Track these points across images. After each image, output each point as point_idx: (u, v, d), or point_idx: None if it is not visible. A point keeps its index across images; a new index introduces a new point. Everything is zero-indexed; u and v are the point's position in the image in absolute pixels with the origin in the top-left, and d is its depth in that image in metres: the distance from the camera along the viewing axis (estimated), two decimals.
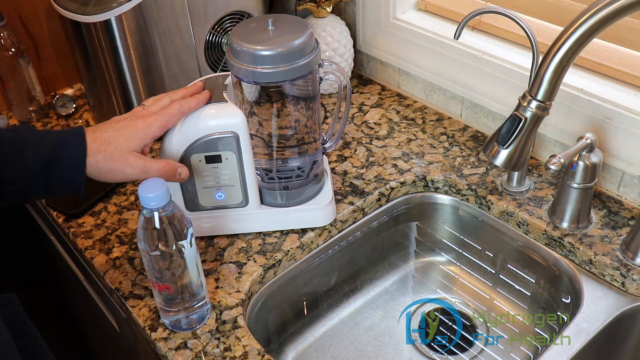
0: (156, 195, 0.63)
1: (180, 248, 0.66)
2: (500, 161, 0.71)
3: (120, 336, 1.01)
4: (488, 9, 0.80)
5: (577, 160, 0.78)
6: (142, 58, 0.99)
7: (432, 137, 1.03)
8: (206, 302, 0.74)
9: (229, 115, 0.75)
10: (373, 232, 0.95)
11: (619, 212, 0.86)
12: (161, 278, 0.68)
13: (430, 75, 1.07)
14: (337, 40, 1.12)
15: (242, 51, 0.72)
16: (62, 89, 1.25)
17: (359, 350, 0.92)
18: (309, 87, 0.79)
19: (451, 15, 1.05)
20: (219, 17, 1.04)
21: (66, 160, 0.66)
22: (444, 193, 0.96)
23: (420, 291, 1.01)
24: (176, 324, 0.73)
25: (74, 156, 0.66)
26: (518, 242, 0.89)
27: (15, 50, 1.10)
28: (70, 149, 0.66)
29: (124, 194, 0.96)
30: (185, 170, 0.74)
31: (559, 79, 0.66)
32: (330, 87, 1.16)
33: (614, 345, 0.80)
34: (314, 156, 0.85)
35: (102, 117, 1.11)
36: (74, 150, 0.67)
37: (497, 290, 0.96)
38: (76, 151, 0.67)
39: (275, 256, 0.83)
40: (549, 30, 0.92)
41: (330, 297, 0.96)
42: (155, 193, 0.63)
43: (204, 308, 0.74)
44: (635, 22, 0.83)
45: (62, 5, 0.98)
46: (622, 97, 0.84)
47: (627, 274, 0.77)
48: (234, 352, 0.71)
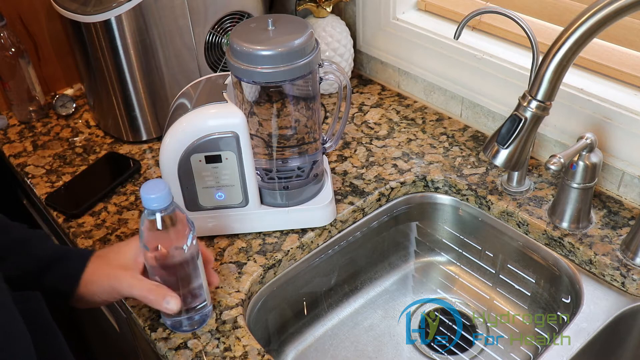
0: (158, 196, 0.62)
1: (182, 247, 0.66)
2: (500, 161, 0.71)
3: (120, 336, 1.01)
4: (488, 9, 0.80)
5: (577, 160, 0.78)
6: (142, 58, 0.99)
7: (432, 137, 1.03)
8: (207, 304, 0.74)
9: (229, 115, 0.75)
10: (373, 232, 0.95)
11: (619, 212, 0.86)
12: (163, 279, 0.68)
13: (430, 75, 1.07)
14: (337, 40, 1.12)
15: (242, 51, 0.72)
16: (62, 89, 1.25)
17: (359, 350, 0.92)
18: (309, 87, 0.79)
19: (451, 15, 1.05)
20: (219, 17, 1.04)
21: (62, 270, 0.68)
22: (444, 193, 0.96)
23: (420, 291, 1.01)
24: (177, 325, 0.73)
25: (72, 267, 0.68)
26: (518, 242, 0.89)
27: (15, 50, 1.10)
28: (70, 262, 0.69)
29: (124, 194, 0.96)
30: (176, 301, 0.67)
31: (559, 79, 0.66)
32: (330, 87, 1.16)
33: (614, 345, 0.80)
34: (314, 156, 0.85)
35: (102, 117, 1.11)
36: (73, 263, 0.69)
37: (497, 290, 0.96)
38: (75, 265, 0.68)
39: (275, 256, 0.83)
40: (549, 30, 0.92)
41: (330, 297, 0.96)
42: (157, 194, 0.62)
43: (205, 310, 0.74)
44: (635, 22, 0.83)
45: (62, 5, 0.98)
46: (622, 97, 0.84)
47: (627, 274, 0.77)
48: (234, 352, 0.71)
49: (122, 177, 0.98)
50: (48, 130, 1.14)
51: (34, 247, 0.68)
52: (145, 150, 1.06)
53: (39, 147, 1.09)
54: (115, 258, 0.70)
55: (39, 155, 1.07)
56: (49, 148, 1.09)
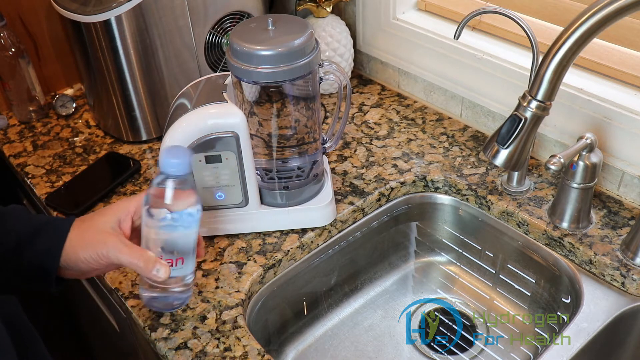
0: (178, 162, 0.61)
1: (188, 212, 0.64)
2: (500, 161, 0.71)
3: (120, 336, 1.01)
4: (488, 9, 0.80)
5: (577, 160, 0.78)
6: (142, 58, 0.99)
7: (432, 137, 1.03)
8: (190, 288, 0.69)
9: (229, 115, 0.75)
10: (373, 232, 0.95)
11: (619, 212, 0.86)
12: (177, 250, 0.65)
13: (430, 75, 1.07)
14: (337, 40, 1.12)
15: (242, 51, 0.72)
16: (62, 89, 1.25)
17: (359, 350, 0.92)
18: (309, 87, 0.79)
19: (451, 15, 1.05)
20: (219, 17, 1.04)
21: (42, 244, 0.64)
22: (444, 193, 0.96)
23: (420, 291, 1.01)
24: (151, 302, 0.68)
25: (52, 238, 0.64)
26: (518, 242, 0.89)
27: (15, 50, 1.10)
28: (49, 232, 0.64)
29: (124, 194, 0.96)
30: (165, 269, 0.64)
31: (559, 79, 0.66)
32: (330, 87, 1.16)
33: (614, 345, 0.80)
34: (314, 156, 0.85)
35: (102, 117, 1.11)
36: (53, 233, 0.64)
37: (497, 290, 0.96)
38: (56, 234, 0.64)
39: (275, 256, 0.83)
40: (549, 30, 0.92)
41: (330, 297, 0.96)
42: (179, 159, 0.61)
43: (186, 294, 0.69)
44: (635, 22, 0.83)
45: (62, 5, 0.98)
46: (622, 97, 0.84)
47: (627, 274, 0.77)
48: (234, 352, 0.71)
49: (122, 177, 0.98)
50: (48, 130, 1.14)
51: (9, 222, 0.64)
52: (145, 150, 1.06)
53: (39, 147, 1.09)
54: (100, 222, 0.65)
55: (39, 155, 1.07)
56: (49, 148, 1.09)
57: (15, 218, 0.65)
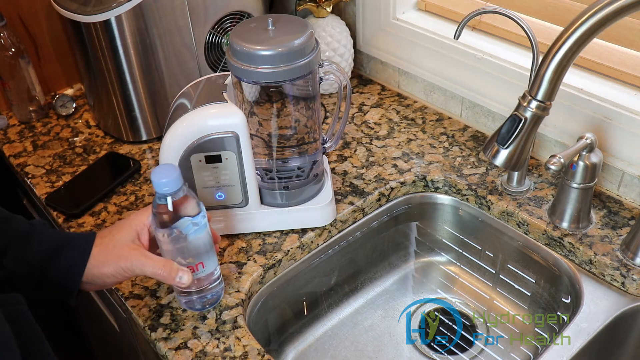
0: (169, 181, 0.64)
1: (193, 221, 0.67)
2: (500, 161, 0.71)
3: (120, 336, 1.01)
4: (488, 9, 0.80)
5: (577, 160, 0.78)
6: (142, 58, 0.99)
7: (432, 137, 1.03)
8: (220, 281, 0.75)
9: (229, 115, 0.75)
10: (373, 232, 0.95)
11: (619, 212, 0.86)
12: (193, 256, 0.69)
13: (430, 75, 1.07)
14: (337, 40, 1.12)
15: (242, 51, 0.72)
16: (62, 89, 1.25)
17: (359, 350, 0.92)
18: (309, 87, 0.79)
19: (451, 15, 1.05)
20: (219, 17, 1.04)
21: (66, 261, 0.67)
22: (444, 193, 0.96)
23: (420, 291, 1.01)
24: (190, 304, 0.75)
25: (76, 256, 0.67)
26: (518, 242, 0.89)
27: (15, 50, 1.10)
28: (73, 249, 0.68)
29: (124, 194, 0.96)
30: (188, 275, 0.68)
31: (559, 79, 0.66)
32: (330, 87, 1.16)
33: (614, 345, 0.80)
34: (314, 156, 0.85)
35: (102, 117, 1.11)
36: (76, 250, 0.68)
37: (497, 290, 0.96)
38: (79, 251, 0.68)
39: (275, 256, 0.83)
40: (549, 30, 0.92)
41: (330, 297, 0.96)
42: (168, 179, 0.64)
43: (218, 287, 0.75)
44: (635, 22, 0.83)
45: (62, 5, 0.98)
46: (622, 97, 0.84)
47: (627, 274, 0.77)
48: (234, 352, 0.71)
49: (122, 177, 0.98)
50: (48, 130, 1.14)
51: (35, 240, 0.67)
52: (145, 150, 1.06)
53: (39, 147, 1.09)
54: (120, 237, 0.69)
55: (39, 155, 1.07)
56: (49, 148, 1.09)
57: (38, 235, 0.68)
